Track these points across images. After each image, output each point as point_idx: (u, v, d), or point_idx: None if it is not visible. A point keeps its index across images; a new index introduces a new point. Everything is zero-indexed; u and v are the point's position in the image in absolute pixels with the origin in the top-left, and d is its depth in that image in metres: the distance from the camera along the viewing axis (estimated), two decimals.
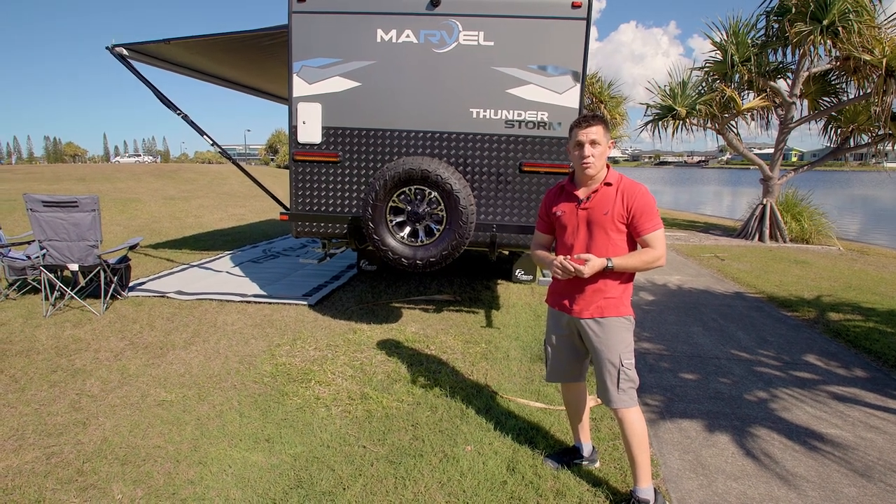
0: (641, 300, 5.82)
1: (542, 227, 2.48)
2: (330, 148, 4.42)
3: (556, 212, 2.35)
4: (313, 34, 4.31)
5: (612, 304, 2.27)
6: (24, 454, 2.54)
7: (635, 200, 2.20)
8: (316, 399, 3.20)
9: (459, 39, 4.21)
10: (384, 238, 3.97)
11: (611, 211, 2.22)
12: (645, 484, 2.26)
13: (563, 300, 2.37)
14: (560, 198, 2.37)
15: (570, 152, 2.28)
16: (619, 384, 2.26)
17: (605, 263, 2.19)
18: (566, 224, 2.33)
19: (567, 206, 2.32)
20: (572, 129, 2.26)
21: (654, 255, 2.20)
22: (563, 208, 2.33)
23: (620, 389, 2.26)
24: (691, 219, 15.78)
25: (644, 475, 2.25)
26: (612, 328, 2.27)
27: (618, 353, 2.27)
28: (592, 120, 2.22)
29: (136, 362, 3.67)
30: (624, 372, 2.26)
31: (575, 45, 4.13)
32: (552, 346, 2.49)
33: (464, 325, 4.68)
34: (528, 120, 4.25)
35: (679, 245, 9.93)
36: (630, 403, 2.27)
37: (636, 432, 2.26)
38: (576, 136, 2.22)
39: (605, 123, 2.23)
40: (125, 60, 5.38)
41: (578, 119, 2.26)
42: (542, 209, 2.47)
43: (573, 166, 2.32)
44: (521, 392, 3.39)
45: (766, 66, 10.38)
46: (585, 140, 2.19)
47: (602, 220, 2.23)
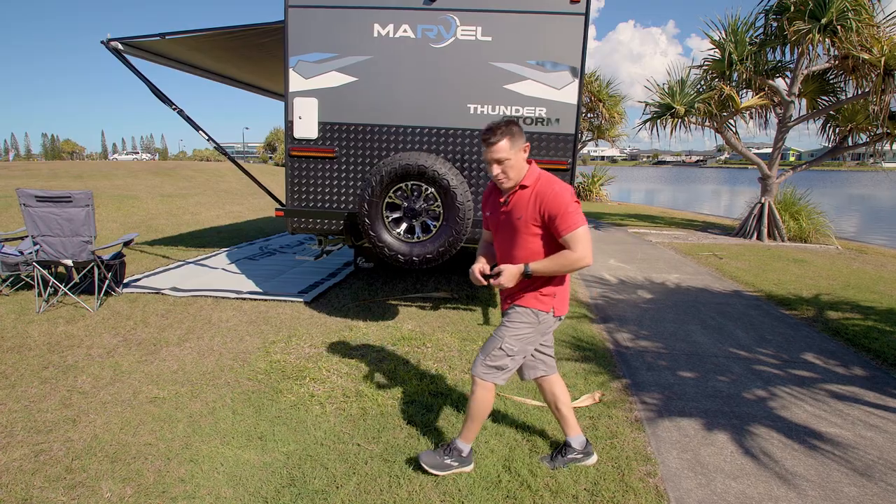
0: (640, 298, 5.80)
1: (484, 222, 2.47)
2: (326, 143, 4.38)
3: (486, 212, 2.39)
4: (309, 29, 4.27)
5: (527, 298, 2.28)
6: (12, 451, 2.50)
7: (548, 203, 2.14)
8: (310, 396, 3.16)
9: (457, 34, 4.17)
10: (380, 234, 3.93)
11: (524, 215, 2.18)
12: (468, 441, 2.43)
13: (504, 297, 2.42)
14: (491, 198, 2.37)
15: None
16: (488, 357, 2.31)
17: (522, 270, 2.17)
18: (493, 225, 2.35)
19: (494, 206, 2.33)
20: (482, 144, 2.20)
21: (574, 256, 2.12)
22: (490, 209, 2.36)
23: (487, 363, 2.31)
24: (689, 217, 15.76)
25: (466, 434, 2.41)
26: (517, 315, 2.30)
27: (506, 336, 2.30)
28: (494, 136, 2.13)
29: (129, 359, 3.63)
30: (501, 349, 2.29)
31: (573, 40, 4.09)
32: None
33: (461, 323, 4.64)
34: (525, 116, 4.21)
35: (677, 244, 9.91)
36: (486, 377, 2.32)
37: (478, 405, 2.35)
38: (485, 154, 2.20)
39: (510, 135, 2.14)
40: (120, 55, 5.32)
41: (485, 134, 2.18)
42: (482, 202, 2.47)
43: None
44: (517, 390, 3.36)
45: (765, 65, 10.35)
46: (492, 159, 2.17)
47: (518, 224, 2.21)
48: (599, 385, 3.47)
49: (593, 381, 3.53)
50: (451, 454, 2.42)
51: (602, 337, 4.45)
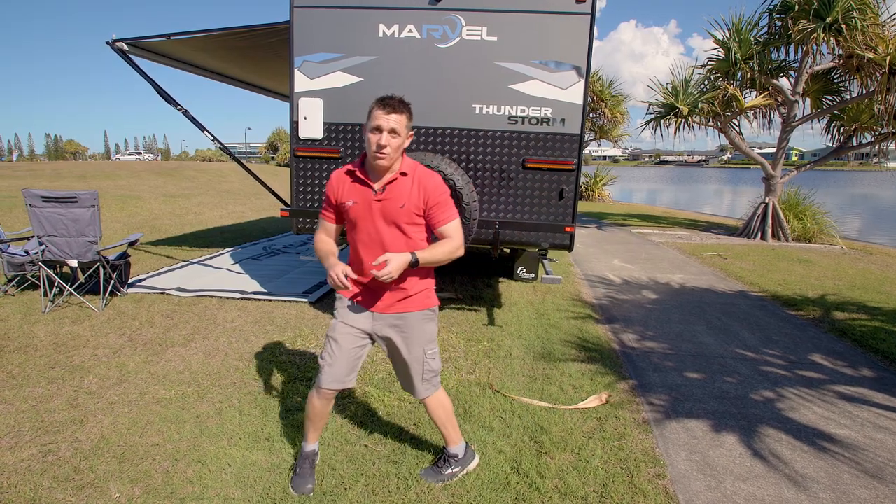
0: (644, 299, 5.78)
1: (329, 216, 2.20)
2: (331, 143, 4.37)
3: (346, 203, 2.11)
4: (315, 29, 4.26)
5: (416, 299, 2.19)
6: (21, 452, 2.50)
7: (431, 192, 2.09)
8: None
9: (462, 34, 4.16)
10: None
11: (407, 203, 2.07)
12: (455, 443, 2.40)
13: (363, 295, 2.19)
14: (351, 186, 2.11)
15: (365, 134, 2.04)
16: (423, 376, 2.25)
17: (409, 259, 2.04)
18: (358, 217, 2.11)
19: (360, 196, 2.09)
20: (374, 109, 2.00)
21: (454, 245, 2.12)
22: (356, 199, 2.09)
23: (425, 380, 2.26)
24: (692, 217, 15.73)
25: (454, 437, 2.39)
26: (417, 322, 2.20)
27: (422, 346, 2.22)
28: (398, 106, 2.00)
29: (135, 359, 3.63)
30: (427, 363, 2.23)
31: (579, 40, 4.08)
32: (332, 344, 2.19)
33: (466, 324, 4.64)
34: (531, 116, 4.20)
35: (681, 244, 9.89)
36: (434, 390, 2.30)
37: (443, 408, 2.35)
38: (375, 119, 1.98)
39: (409, 113, 2.05)
40: (125, 56, 5.33)
41: (383, 99, 2.01)
42: (329, 195, 2.16)
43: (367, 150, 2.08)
44: (524, 391, 3.35)
45: (769, 64, 10.32)
46: (385, 127, 1.97)
47: (398, 214, 2.07)
48: (606, 386, 3.46)
49: (600, 381, 3.52)
50: (450, 463, 2.41)
51: (608, 337, 4.44)
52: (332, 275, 2.02)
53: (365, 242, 2.13)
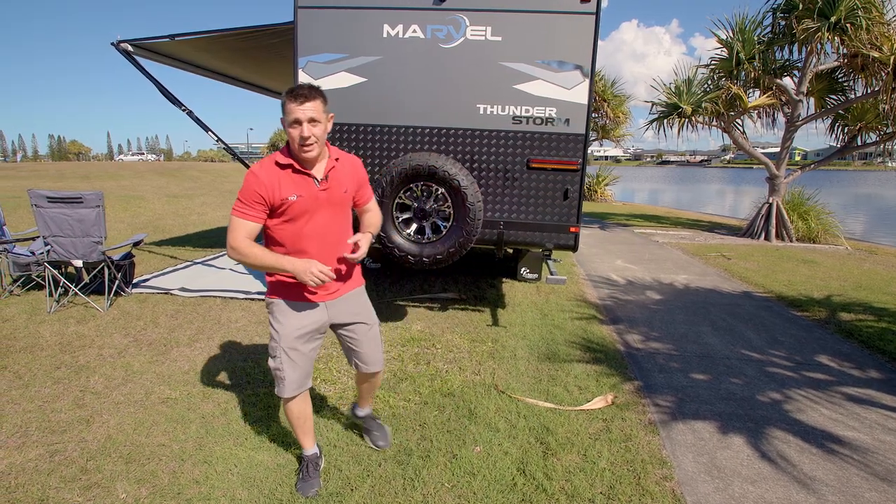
0: (648, 299, 5.76)
1: (257, 216, 2.02)
2: (335, 144, 4.36)
3: (288, 198, 2.01)
4: (319, 29, 4.26)
5: (356, 277, 2.34)
6: (28, 451, 2.50)
7: (360, 172, 2.25)
8: (321, 398, 3.15)
9: (467, 34, 4.15)
10: (390, 235, 3.92)
11: (349, 188, 2.16)
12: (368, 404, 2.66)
13: (309, 290, 2.13)
14: (291, 180, 2.03)
15: (286, 129, 1.99)
16: (381, 345, 2.42)
17: (370, 237, 2.18)
18: (305, 209, 2.04)
19: (304, 189, 2.03)
20: (286, 104, 1.95)
21: (380, 215, 2.41)
22: (299, 192, 2.03)
23: (381, 350, 2.43)
24: (695, 218, 15.69)
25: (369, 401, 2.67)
26: (362, 296, 2.36)
27: (373, 316, 2.39)
28: (310, 93, 1.95)
29: (141, 359, 3.63)
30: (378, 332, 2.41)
31: (584, 40, 4.06)
32: (293, 355, 2.14)
33: (470, 324, 4.63)
34: (535, 116, 4.18)
35: (684, 244, 9.86)
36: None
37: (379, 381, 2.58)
38: (292, 113, 1.93)
39: (324, 97, 2.00)
40: (130, 56, 5.34)
41: (293, 91, 1.96)
42: (260, 194, 1.99)
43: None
44: (529, 392, 3.34)
45: (773, 64, 10.28)
46: (303, 118, 1.93)
47: (342, 199, 2.14)
48: (611, 387, 3.45)
49: (605, 382, 3.51)
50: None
51: (612, 338, 4.43)
52: (313, 273, 1.97)
53: (310, 235, 2.09)
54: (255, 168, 2.04)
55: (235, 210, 2.02)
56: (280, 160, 2.04)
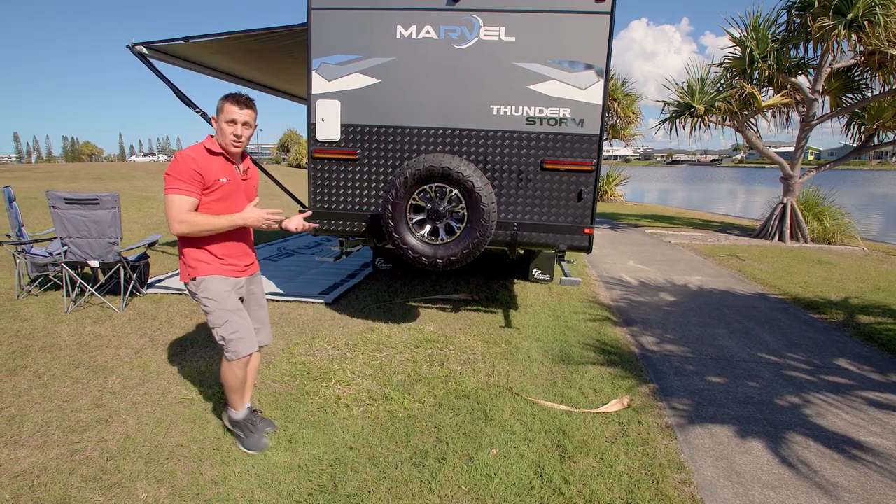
0: (662, 301, 5.72)
1: (195, 191, 2.35)
2: (349, 145, 4.38)
3: (220, 179, 2.40)
4: (333, 31, 4.27)
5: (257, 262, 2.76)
6: (49, 451, 2.53)
7: (256, 171, 2.73)
8: (336, 399, 3.16)
9: (480, 35, 4.14)
10: (404, 236, 3.91)
11: (256, 182, 2.69)
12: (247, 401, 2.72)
13: (234, 267, 2.53)
14: (221, 166, 2.43)
15: (220, 124, 2.39)
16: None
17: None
18: (230, 192, 2.46)
19: (230, 174, 2.46)
20: (227, 104, 2.37)
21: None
22: (228, 176, 2.45)
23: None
24: (707, 218, 15.55)
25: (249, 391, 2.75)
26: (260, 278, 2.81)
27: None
28: (249, 102, 2.42)
29: (157, 359, 3.66)
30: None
31: (598, 40, 4.03)
32: (238, 312, 2.49)
33: (482, 325, 4.62)
34: (549, 116, 4.16)
35: (697, 245, 9.78)
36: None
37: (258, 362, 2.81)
38: (231, 113, 2.36)
39: (256, 109, 2.47)
40: (145, 59, 5.38)
41: (234, 95, 2.38)
42: (195, 172, 2.32)
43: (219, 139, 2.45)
44: (544, 394, 3.33)
45: (787, 62, 10.16)
46: (240, 120, 2.38)
47: (250, 189, 2.62)
48: (627, 390, 3.42)
49: (620, 385, 3.49)
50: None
51: (626, 340, 4.40)
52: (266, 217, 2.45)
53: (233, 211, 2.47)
54: (188, 152, 2.39)
55: (173, 189, 2.31)
56: (212, 148, 2.43)
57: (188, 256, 2.44)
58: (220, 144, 2.43)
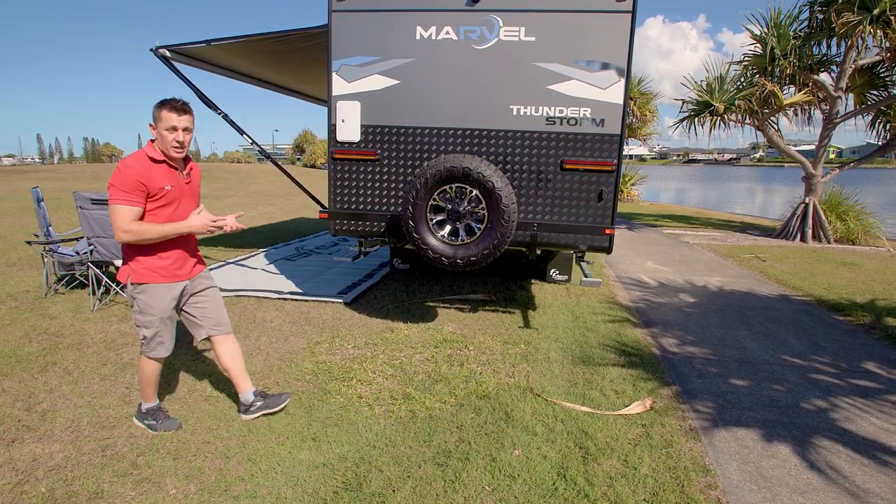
0: (682, 302, 5.66)
1: (139, 201, 2.42)
2: (368, 146, 4.41)
3: (164, 187, 2.47)
4: (352, 33, 4.30)
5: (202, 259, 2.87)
6: (81, 445, 2.59)
7: (199, 175, 2.79)
8: (358, 398, 3.18)
9: (500, 35, 4.14)
10: (424, 237, 3.93)
11: (199, 182, 2.77)
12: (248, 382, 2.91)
13: (179, 271, 2.64)
14: (164, 173, 2.49)
15: (160, 132, 2.45)
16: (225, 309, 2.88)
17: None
18: (175, 197, 2.54)
19: (174, 181, 2.53)
20: (164, 112, 2.42)
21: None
22: (172, 182, 2.52)
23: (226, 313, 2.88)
24: (726, 218, 15.33)
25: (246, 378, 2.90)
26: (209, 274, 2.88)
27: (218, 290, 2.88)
28: (187, 108, 2.48)
29: (182, 357, 3.72)
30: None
31: (619, 39, 4.01)
32: (167, 321, 2.66)
33: (501, 326, 4.62)
34: (569, 116, 4.15)
35: (716, 245, 9.65)
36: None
37: (237, 347, 2.90)
38: (170, 120, 2.42)
39: (193, 114, 2.53)
40: (168, 62, 5.48)
41: (171, 102, 2.45)
42: (139, 183, 2.39)
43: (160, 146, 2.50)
44: (565, 395, 3.32)
45: (810, 59, 9.97)
46: (180, 126, 2.45)
47: (196, 192, 2.72)
48: (649, 392, 3.40)
49: (642, 387, 3.46)
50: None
51: (647, 342, 4.36)
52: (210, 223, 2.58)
53: (179, 217, 2.57)
54: (130, 162, 2.43)
55: (117, 199, 2.38)
56: (154, 156, 2.48)
57: (133, 261, 2.53)
58: (161, 151, 2.48)
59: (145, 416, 2.77)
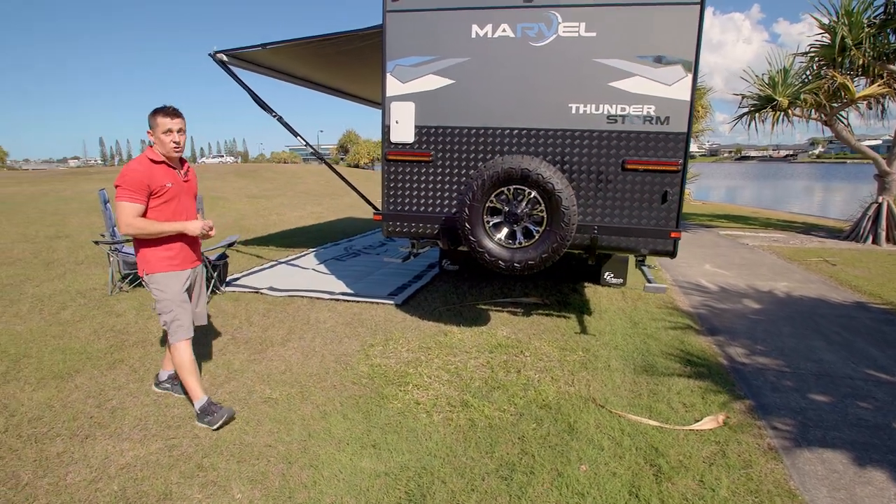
0: (748, 309, 5.35)
1: (142, 199, 2.68)
2: (422, 147, 4.36)
3: (166, 185, 2.73)
4: (407, 32, 4.26)
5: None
6: (149, 445, 2.65)
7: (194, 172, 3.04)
8: (416, 404, 3.13)
9: (559, 32, 4.00)
10: (481, 240, 3.84)
11: (196, 182, 3.03)
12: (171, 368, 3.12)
13: (184, 261, 2.89)
14: (164, 173, 2.76)
15: (157, 136, 2.71)
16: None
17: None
18: (174, 195, 2.79)
19: (173, 179, 2.79)
20: (159, 118, 2.69)
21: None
22: (171, 181, 2.78)
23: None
24: (786, 218, 14.53)
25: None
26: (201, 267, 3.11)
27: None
28: (179, 112, 2.75)
29: (240, 357, 3.78)
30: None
31: (687, 32, 3.80)
32: (183, 304, 2.86)
33: (556, 331, 4.48)
34: (632, 114, 3.96)
35: (778, 247, 9.13)
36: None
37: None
38: (166, 125, 2.69)
39: (184, 117, 2.78)
40: (225, 66, 5.60)
41: (165, 110, 2.71)
42: (143, 183, 2.66)
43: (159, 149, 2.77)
44: (629, 407, 3.16)
45: (885, 48, 9.28)
46: (175, 128, 2.72)
47: (192, 189, 2.96)
48: (721, 406, 3.19)
49: (712, 400, 3.26)
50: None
51: (713, 351, 4.13)
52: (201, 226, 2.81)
53: (179, 212, 2.83)
54: (134, 165, 2.71)
55: (122, 197, 2.65)
56: (154, 158, 2.75)
57: (144, 256, 2.81)
58: (161, 154, 2.76)
59: (202, 416, 2.85)
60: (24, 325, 4.34)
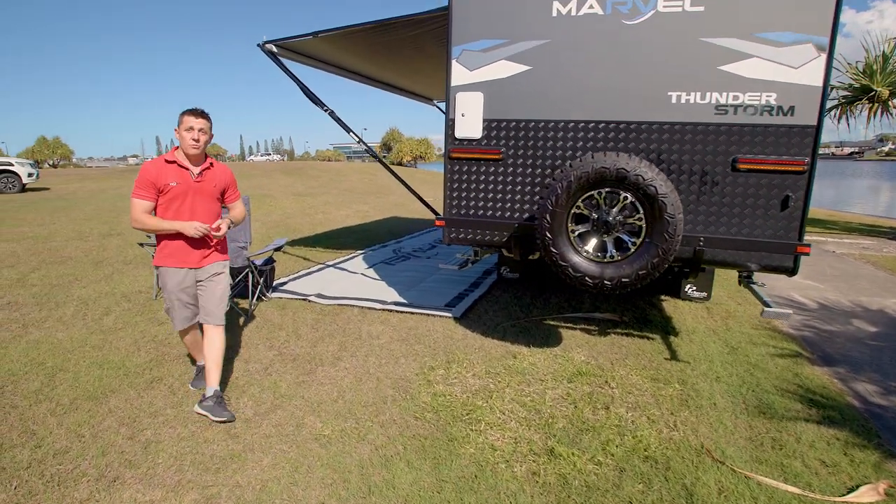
0: (862, 332, 4.57)
1: (150, 196, 2.81)
2: (491, 143, 3.84)
3: (170, 183, 2.80)
4: (476, 13, 3.75)
5: (222, 250, 3.09)
6: (183, 495, 2.25)
7: (228, 177, 3.06)
8: (492, 450, 2.62)
9: (658, 6, 3.39)
10: (564, 252, 3.27)
11: (217, 184, 2.98)
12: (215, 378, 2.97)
13: (186, 258, 2.92)
14: (171, 172, 2.83)
15: (180, 133, 2.81)
16: (223, 303, 3.05)
17: (229, 222, 3.04)
18: (178, 194, 2.84)
19: (180, 179, 2.84)
20: (185, 117, 2.81)
21: (242, 210, 3.20)
22: (179, 180, 2.83)
23: (222, 307, 3.04)
24: (871, 222, 13.17)
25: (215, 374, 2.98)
26: (223, 267, 3.07)
27: (226, 282, 3.08)
28: (204, 114, 2.86)
29: (287, 379, 3.37)
30: (226, 293, 3.09)
31: (822, 4, 3.12)
32: (176, 301, 2.95)
33: (642, 356, 3.87)
34: (747, 104, 3.31)
35: (871, 256, 8.11)
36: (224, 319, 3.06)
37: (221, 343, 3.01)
38: (188, 122, 2.80)
39: (211, 122, 2.89)
40: (275, 57, 5.26)
41: (192, 111, 2.82)
42: (149, 181, 2.78)
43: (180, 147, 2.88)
44: (754, 463, 2.55)
45: None
46: (196, 127, 2.81)
47: (210, 191, 2.95)
48: (874, 467, 2.54)
49: (859, 458, 2.60)
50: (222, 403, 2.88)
51: (836, 387, 3.43)
52: (195, 228, 2.82)
53: (186, 211, 2.87)
54: (148, 164, 2.85)
55: (134, 194, 2.80)
56: (168, 158, 2.86)
57: (158, 247, 2.94)
58: (181, 149, 2.86)
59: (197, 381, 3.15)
60: (65, 333, 4.10)
